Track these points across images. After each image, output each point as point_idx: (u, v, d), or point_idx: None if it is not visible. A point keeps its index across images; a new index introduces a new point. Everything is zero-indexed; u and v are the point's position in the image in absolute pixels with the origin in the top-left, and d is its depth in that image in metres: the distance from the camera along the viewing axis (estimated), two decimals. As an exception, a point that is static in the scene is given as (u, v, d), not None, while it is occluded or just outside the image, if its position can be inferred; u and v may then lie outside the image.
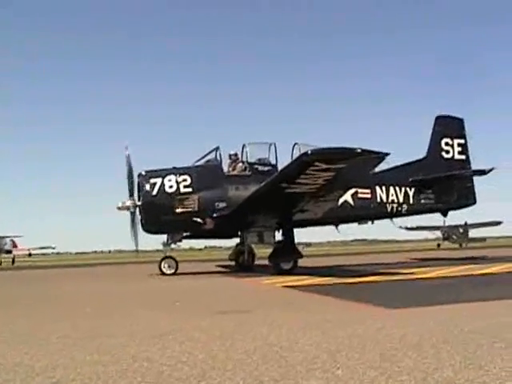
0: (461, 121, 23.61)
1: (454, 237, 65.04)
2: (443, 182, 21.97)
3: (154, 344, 5.18)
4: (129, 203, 18.32)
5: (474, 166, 22.95)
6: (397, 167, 21.46)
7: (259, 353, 4.61)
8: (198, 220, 17.96)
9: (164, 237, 19.14)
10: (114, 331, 6.07)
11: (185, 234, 19.38)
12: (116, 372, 4.11)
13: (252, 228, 18.83)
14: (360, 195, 20.21)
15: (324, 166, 13.61)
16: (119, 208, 18.49)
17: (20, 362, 4.57)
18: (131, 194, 18.45)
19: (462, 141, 23.20)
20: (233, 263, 22.00)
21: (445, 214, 23.11)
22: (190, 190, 18.13)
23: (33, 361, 4.57)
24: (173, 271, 18.42)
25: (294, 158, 16.62)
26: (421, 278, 13.49)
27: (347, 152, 13.44)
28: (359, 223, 22.03)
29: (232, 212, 17.46)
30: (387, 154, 13.47)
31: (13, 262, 54.98)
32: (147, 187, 18.16)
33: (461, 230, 64.49)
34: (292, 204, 16.55)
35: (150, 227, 18.48)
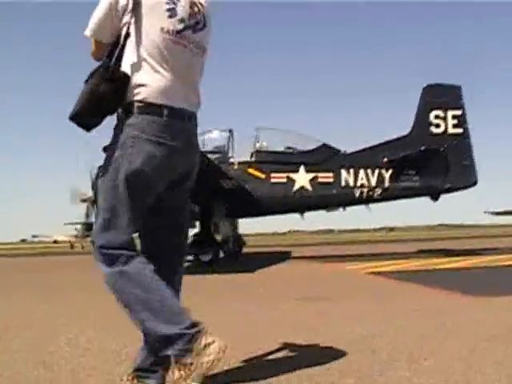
0: (457, 89, 19.46)
1: (546, 221, 62.74)
2: (428, 160, 18.67)
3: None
4: None
5: (474, 141, 19.14)
6: (372, 147, 19.27)
7: (344, 341, 4.54)
8: None
9: None
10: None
11: None
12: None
13: (214, 217, 18.42)
14: (320, 180, 18.62)
15: None
16: None
17: (108, 347, 4.68)
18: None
19: (459, 112, 19.18)
20: None
21: (435, 198, 19.27)
22: None
23: (120, 346, 4.66)
24: None
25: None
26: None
27: None
28: (327, 210, 19.89)
29: None
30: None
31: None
32: None
33: (554, 214, 62.13)
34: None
35: None
